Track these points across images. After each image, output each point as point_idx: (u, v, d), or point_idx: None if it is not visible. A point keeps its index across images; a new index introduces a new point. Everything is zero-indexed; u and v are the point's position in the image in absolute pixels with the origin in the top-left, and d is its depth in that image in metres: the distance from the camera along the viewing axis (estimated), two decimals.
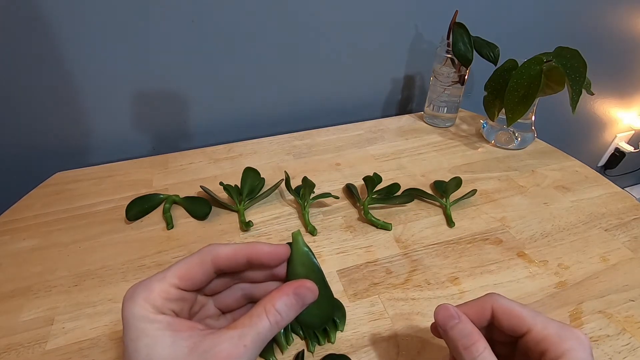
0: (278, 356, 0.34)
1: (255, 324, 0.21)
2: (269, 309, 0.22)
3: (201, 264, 0.23)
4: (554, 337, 0.23)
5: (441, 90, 0.66)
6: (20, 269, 0.43)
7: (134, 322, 0.21)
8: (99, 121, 0.62)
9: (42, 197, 0.53)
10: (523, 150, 0.63)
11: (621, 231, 0.47)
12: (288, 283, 0.23)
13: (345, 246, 0.45)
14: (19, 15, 0.50)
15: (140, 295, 0.21)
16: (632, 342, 0.35)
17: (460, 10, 0.60)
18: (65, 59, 0.55)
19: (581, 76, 0.48)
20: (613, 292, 0.39)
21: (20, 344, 0.35)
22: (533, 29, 0.81)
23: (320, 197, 0.50)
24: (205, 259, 0.23)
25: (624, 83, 1.06)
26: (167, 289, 0.22)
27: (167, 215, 0.49)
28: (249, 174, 0.55)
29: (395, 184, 0.52)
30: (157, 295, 0.21)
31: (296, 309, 0.23)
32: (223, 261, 0.23)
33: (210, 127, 0.69)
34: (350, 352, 0.34)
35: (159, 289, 0.22)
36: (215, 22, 0.59)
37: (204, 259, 0.23)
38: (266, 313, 0.22)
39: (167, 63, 0.60)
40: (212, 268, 0.23)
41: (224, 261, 0.23)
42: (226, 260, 0.24)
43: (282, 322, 0.22)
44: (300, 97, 0.72)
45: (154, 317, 0.21)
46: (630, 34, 0.93)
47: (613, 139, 1.22)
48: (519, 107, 0.53)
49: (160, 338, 0.20)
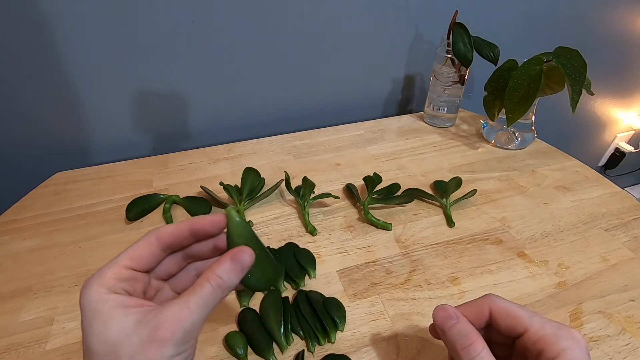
0: (278, 356, 0.34)
1: (198, 290, 0.23)
2: (209, 276, 0.23)
3: (147, 243, 0.25)
4: (550, 337, 0.24)
5: (441, 90, 0.66)
6: (20, 269, 0.43)
7: (89, 306, 0.22)
8: (99, 121, 0.62)
9: (42, 197, 0.54)
10: (523, 150, 0.63)
11: (621, 231, 0.47)
12: (227, 252, 0.25)
13: (345, 246, 0.45)
14: (19, 14, 0.50)
15: (95, 282, 0.23)
16: (632, 342, 0.35)
17: (460, 10, 0.60)
18: (65, 60, 0.55)
19: (581, 76, 0.48)
20: (613, 292, 0.39)
21: (20, 344, 0.35)
22: (533, 29, 0.81)
23: (320, 197, 0.50)
24: (150, 238, 0.25)
25: (624, 83, 1.06)
26: (118, 271, 0.23)
27: (167, 215, 0.49)
28: (249, 174, 0.55)
29: (396, 184, 0.52)
30: (110, 277, 0.23)
31: (236, 272, 0.24)
32: (167, 237, 0.25)
33: (210, 127, 0.69)
34: (350, 352, 0.34)
35: (110, 273, 0.23)
36: (215, 22, 0.59)
37: (149, 238, 0.25)
38: (207, 279, 0.23)
39: (168, 63, 0.60)
40: (157, 245, 0.25)
41: (169, 237, 0.25)
42: (170, 236, 0.25)
43: (224, 285, 0.24)
44: (300, 97, 0.72)
45: (107, 297, 0.22)
46: (630, 34, 0.93)
47: (613, 139, 1.22)
48: (519, 107, 0.53)
49: (112, 315, 0.22)
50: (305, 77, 0.70)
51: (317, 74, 0.70)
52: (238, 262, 0.24)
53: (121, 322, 0.21)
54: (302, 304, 0.37)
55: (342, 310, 0.37)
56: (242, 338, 0.34)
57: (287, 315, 0.36)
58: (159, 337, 0.21)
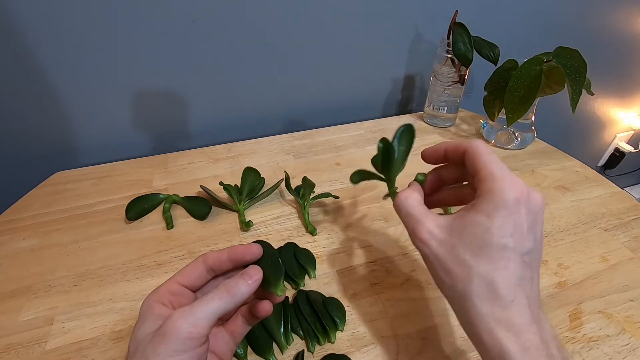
0: (278, 356, 0.34)
1: (207, 295, 0.26)
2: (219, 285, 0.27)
3: (195, 263, 0.28)
4: (488, 168, 0.25)
5: (441, 90, 0.66)
6: (20, 269, 0.43)
7: (141, 311, 0.26)
8: (99, 121, 0.62)
9: (42, 197, 0.53)
10: (523, 150, 0.63)
11: (621, 231, 0.47)
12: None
13: (345, 246, 0.45)
14: (19, 14, 0.50)
15: (152, 293, 0.27)
16: (632, 342, 0.35)
17: (460, 10, 0.60)
18: (64, 59, 0.55)
19: (581, 76, 0.48)
20: (613, 292, 0.39)
21: (20, 344, 0.35)
22: (533, 29, 0.81)
23: (320, 197, 0.50)
24: (198, 260, 0.29)
25: (624, 83, 1.06)
26: (170, 285, 0.27)
27: (167, 215, 0.49)
28: (249, 173, 0.55)
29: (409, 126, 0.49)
30: (163, 290, 0.27)
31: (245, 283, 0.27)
32: (211, 259, 0.28)
33: (210, 127, 0.69)
34: (350, 352, 0.34)
35: (165, 286, 0.27)
36: (215, 22, 0.59)
37: (198, 259, 0.29)
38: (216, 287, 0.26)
39: (167, 63, 0.60)
40: (203, 266, 0.28)
41: (212, 259, 0.28)
42: (213, 259, 0.28)
43: (232, 291, 0.26)
44: (300, 97, 0.72)
45: (154, 305, 0.26)
46: (630, 34, 0.93)
47: (613, 139, 1.22)
48: (519, 107, 0.53)
49: (147, 319, 0.25)
50: (305, 77, 0.69)
51: (317, 74, 0.70)
52: (247, 275, 0.27)
53: (150, 325, 0.25)
54: (302, 304, 0.37)
55: (342, 310, 0.37)
56: None
57: (287, 315, 0.36)
58: (162, 330, 0.23)
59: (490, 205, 0.23)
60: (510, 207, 0.23)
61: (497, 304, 0.22)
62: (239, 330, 0.30)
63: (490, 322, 0.22)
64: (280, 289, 0.28)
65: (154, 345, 0.23)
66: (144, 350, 0.23)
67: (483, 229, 0.23)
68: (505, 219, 0.23)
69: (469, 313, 0.23)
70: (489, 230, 0.23)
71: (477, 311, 0.22)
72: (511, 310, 0.22)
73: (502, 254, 0.23)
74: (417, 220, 0.27)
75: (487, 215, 0.23)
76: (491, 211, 0.23)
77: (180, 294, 0.27)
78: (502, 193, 0.24)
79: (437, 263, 0.25)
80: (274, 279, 0.28)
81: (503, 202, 0.23)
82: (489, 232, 0.23)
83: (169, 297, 0.27)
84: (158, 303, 0.26)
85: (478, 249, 0.23)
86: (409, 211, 0.28)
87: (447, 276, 0.24)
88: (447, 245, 0.25)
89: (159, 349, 0.23)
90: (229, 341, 0.29)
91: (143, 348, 0.23)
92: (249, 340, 0.34)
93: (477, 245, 0.23)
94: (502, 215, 0.23)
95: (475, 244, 0.23)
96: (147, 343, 0.23)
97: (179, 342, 0.23)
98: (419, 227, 0.26)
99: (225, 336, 0.29)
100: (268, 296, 0.29)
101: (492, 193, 0.24)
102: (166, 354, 0.22)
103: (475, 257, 0.23)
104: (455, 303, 0.25)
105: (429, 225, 0.26)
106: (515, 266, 0.23)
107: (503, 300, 0.22)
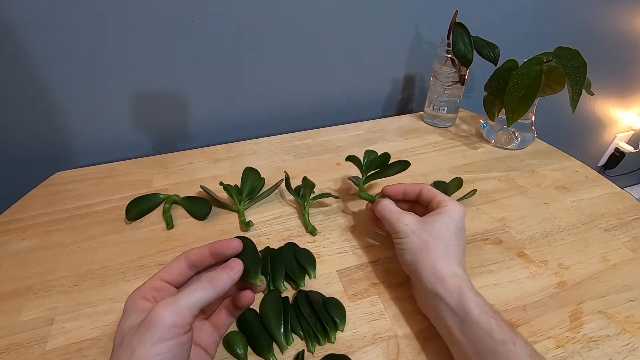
0: (278, 356, 0.34)
1: (188, 287, 0.27)
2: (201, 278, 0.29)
3: (178, 260, 0.30)
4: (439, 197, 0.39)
5: (441, 90, 0.66)
6: (20, 269, 0.43)
7: (125, 307, 0.27)
8: (99, 121, 0.62)
9: (42, 197, 0.53)
10: (523, 150, 0.63)
11: (621, 231, 0.47)
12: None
13: (345, 246, 0.45)
14: (19, 13, 0.50)
15: (136, 290, 0.28)
16: (632, 342, 0.35)
17: (460, 10, 0.60)
18: (64, 60, 0.55)
19: (581, 76, 0.48)
20: (613, 292, 0.39)
21: (20, 344, 0.35)
22: (533, 29, 0.81)
23: (320, 197, 0.50)
24: (180, 256, 0.30)
25: (624, 83, 1.06)
26: (153, 282, 0.29)
27: (167, 215, 0.49)
28: (249, 174, 0.54)
29: (386, 153, 0.49)
30: (147, 286, 0.28)
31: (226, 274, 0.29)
32: (193, 255, 0.30)
33: (209, 127, 0.69)
34: (350, 352, 0.34)
35: (148, 283, 0.29)
36: (214, 22, 0.59)
37: (180, 256, 0.30)
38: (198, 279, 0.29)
39: (167, 63, 0.60)
40: (185, 262, 0.30)
41: (193, 255, 0.30)
42: (195, 254, 0.30)
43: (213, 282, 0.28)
44: (300, 97, 0.72)
45: (137, 300, 0.27)
46: (630, 34, 0.93)
47: (613, 139, 1.22)
48: (519, 107, 0.53)
49: (131, 314, 0.26)
50: (305, 77, 0.69)
51: (317, 74, 0.70)
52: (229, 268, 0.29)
53: (134, 319, 0.26)
54: (302, 304, 0.37)
55: (342, 310, 0.37)
56: (242, 338, 0.34)
57: (287, 315, 0.36)
58: (147, 320, 0.25)
59: (446, 214, 0.37)
60: (454, 215, 0.37)
61: (449, 261, 0.35)
62: (223, 322, 0.32)
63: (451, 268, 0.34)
64: (259, 279, 0.30)
65: (140, 335, 0.24)
66: (129, 342, 0.24)
67: (445, 224, 0.37)
68: (454, 221, 0.37)
69: (435, 265, 0.34)
70: (448, 225, 0.37)
71: (442, 263, 0.34)
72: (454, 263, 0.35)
73: (451, 237, 0.36)
74: (400, 214, 0.39)
75: (447, 216, 0.37)
76: (447, 216, 0.37)
77: (163, 289, 0.28)
78: (450, 208, 0.38)
79: (414, 236, 0.36)
80: (254, 270, 0.30)
81: (451, 213, 0.38)
82: (447, 226, 0.37)
83: (152, 292, 0.28)
84: (142, 298, 0.27)
85: (437, 234, 0.36)
86: (393, 209, 0.40)
87: (421, 243, 0.36)
88: (421, 226, 0.37)
89: (144, 338, 0.24)
90: (213, 333, 0.31)
91: (129, 339, 0.24)
92: (249, 340, 0.35)
93: (436, 232, 0.36)
94: (452, 219, 0.37)
95: (436, 231, 0.36)
96: (132, 334, 0.25)
97: (164, 331, 0.24)
98: (403, 217, 0.38)
99: (209, 328, 0.31)
100: (249, 287, 0.32)
101: (446, 208, 0.38)
102: (152, 342, 0.24)
103: (436, 239, 0.36)
104: (421, 261, 0.35)
105: (408, 217, 0.38)
106: (455, 242, 0.36)
107: (451, 257, 0.35)
